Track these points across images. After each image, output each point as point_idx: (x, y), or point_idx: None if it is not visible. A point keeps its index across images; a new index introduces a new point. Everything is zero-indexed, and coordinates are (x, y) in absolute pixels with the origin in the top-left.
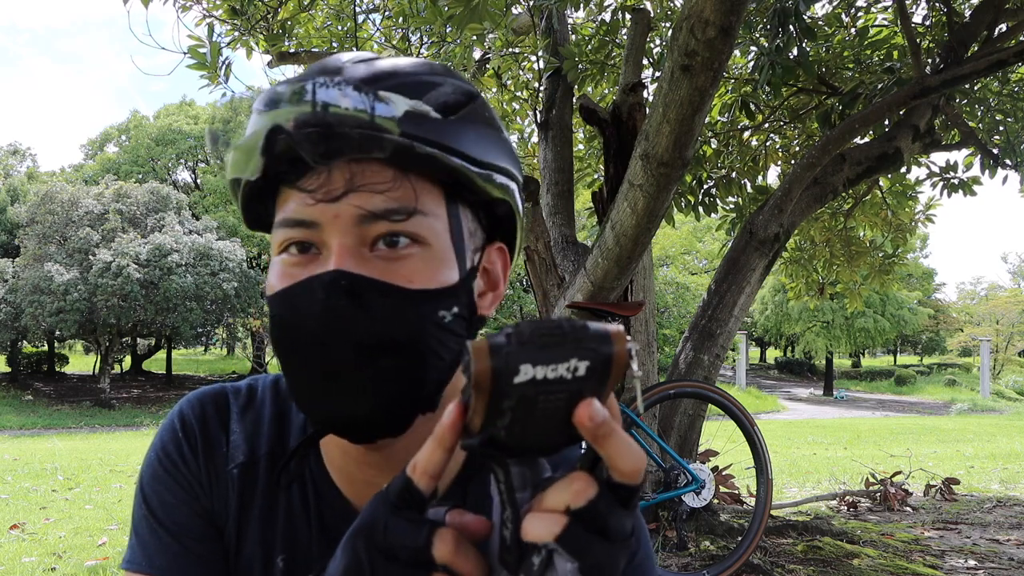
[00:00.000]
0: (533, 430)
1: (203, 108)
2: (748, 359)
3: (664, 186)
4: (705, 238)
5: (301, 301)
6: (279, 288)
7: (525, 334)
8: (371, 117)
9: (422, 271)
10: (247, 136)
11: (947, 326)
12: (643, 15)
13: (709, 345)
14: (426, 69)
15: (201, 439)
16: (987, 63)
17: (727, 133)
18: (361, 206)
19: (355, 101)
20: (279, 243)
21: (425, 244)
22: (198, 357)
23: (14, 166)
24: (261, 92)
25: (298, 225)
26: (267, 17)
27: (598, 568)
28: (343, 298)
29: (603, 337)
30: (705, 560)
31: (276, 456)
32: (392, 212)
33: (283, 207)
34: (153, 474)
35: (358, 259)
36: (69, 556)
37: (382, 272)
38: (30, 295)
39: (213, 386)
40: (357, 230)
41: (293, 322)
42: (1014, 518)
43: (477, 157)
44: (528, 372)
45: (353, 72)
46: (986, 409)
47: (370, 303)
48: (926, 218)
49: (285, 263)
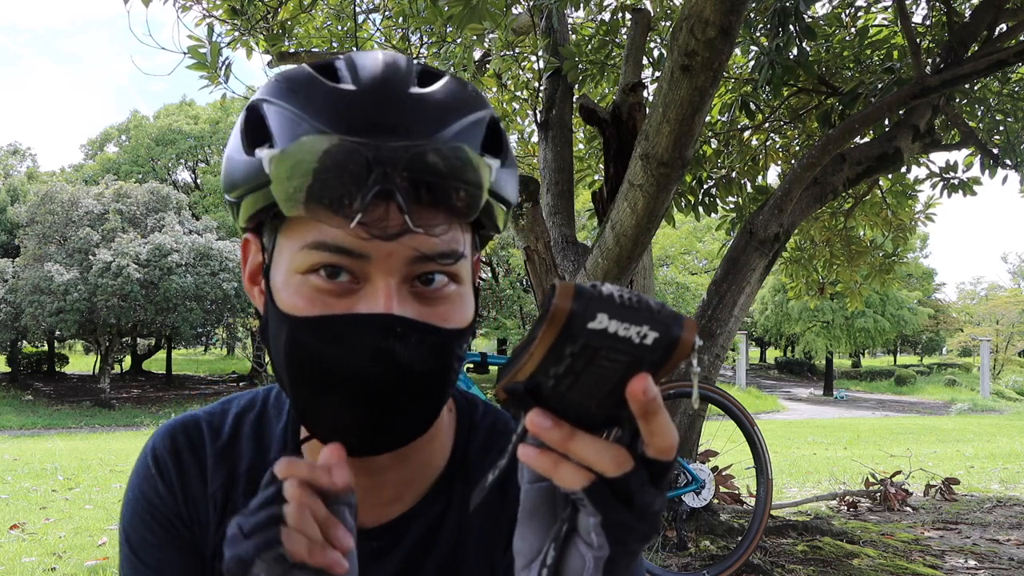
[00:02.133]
0: (581, 388)
1: (203, 108)
2: (748, 359)
3: (664, 186)
4: (705, 238)
5: (344, 336)
6: (312, 314)
7: (609, 289)
8: (480, 180)
9: (455, 311)
10: (339, 171)
11: (947, 326)
12: (643, 15)
13: (709, 345)
14: (469, 100)
15: (175, 472)
16: (987, 63)
17: (727, 133)
18: (417, 248)
19: (468, 160)
20: (308, 264)
21: (459, 283)
22: (198, 357)
23: (14, 166)
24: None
25: (341, 252)
26: (267, 17)
27: (622, 527)
28: (394, 342)
29: (677, 318)
30: (705, 560)
31: (255, 470)
32: (444, 256)
33: (315, 228)
34: (132, 514)
35: (401, 299)
36: (69, 556)
37: (423, 313)
38: (30, 295)
39: (184, 415)
40: (405, 269)
41: (331, 354)
42: (1014, 518)
43: (511, 200)
44: (603, 322)
45: (441, 103)
46: (986, 409)
47: (415, 345)
48: (926, 217)
49: (314, 287)
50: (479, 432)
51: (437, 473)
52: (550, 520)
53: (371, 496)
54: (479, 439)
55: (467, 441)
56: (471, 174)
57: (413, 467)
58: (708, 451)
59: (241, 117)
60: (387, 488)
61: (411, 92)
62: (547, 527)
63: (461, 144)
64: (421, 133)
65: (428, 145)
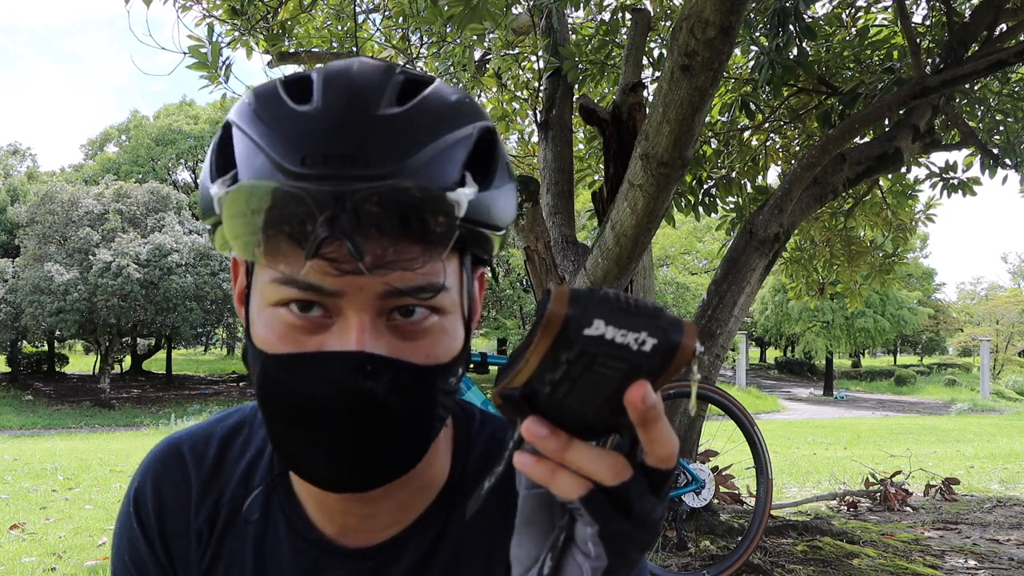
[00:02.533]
0: (578, 395)
1: (203, 108)
2: (748, 359)
3: (664, 186)
4: (705, 238)
5: (316, 375)
6: (284, 351)
7: (606, 293)
8: (451, 213)
9: (437, 345)
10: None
11: (947, 326)
12: (643, 15)
13: (709, 345)
14: (452, 116)
15: (155, 516)
16: (987, 63)
17: (727, 133)
18: (390, 284)
19: (433, 195)
20: (278, 298)
21: (442, 313)
22: (198, 357)
23: (14, 166)
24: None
25: (310, 289)
26: (267, 17)
27: (620, 537)
28: (365, 380)
29: (677, 324)
30: (705, 560)
31: (239, 499)
32: (421, 290)
33: (284, 261)
34: (117, 557)
35: (375, 334)
36: (69, 556)
37: (400, 349)
38: (30, 295)
39: (167, 443)
40: (379, 303)
41: (302, 393)
42: (1014, 518)
43: (502, 222)
44: (600, 328)
45: (413, 126)
46: (986, 409)
47: (390, 384)
48: (926, 217)
49: (285, 321)
50: (476, 446)
51: (435, 493)
52: (547, 527)
53: (366, 523)
54: (477, 453)
55: (465, 457)
56: (441, 205)
57: (410, 493)
58: (708, 451)
59: (217, 135)
60: (383, 515)
61: (380, 114)
62: (544, 534)
63: (430, 174)
64: (385, 162)
65: (391, 177)
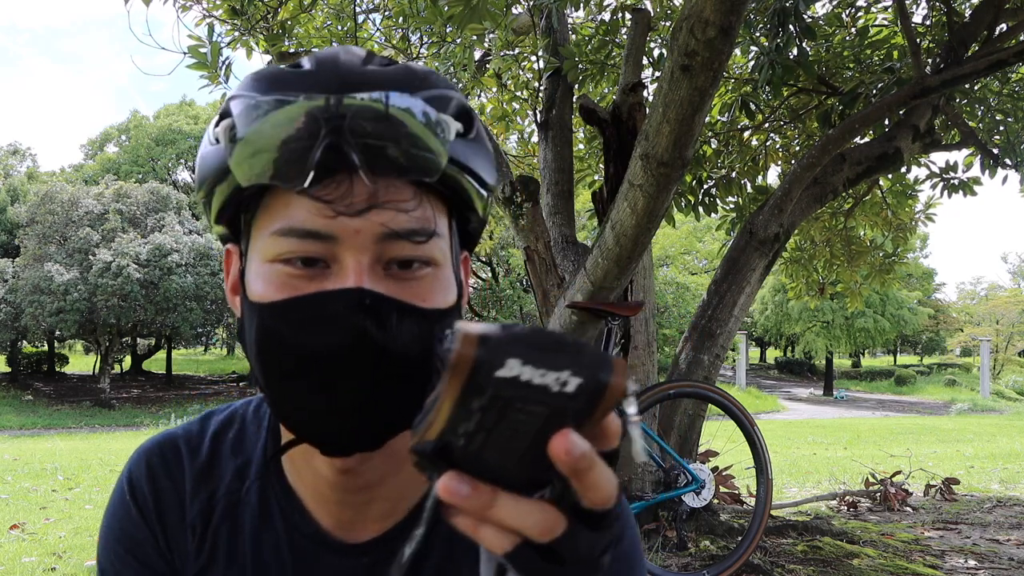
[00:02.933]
0: (497, 445)
1: (203, 108)
2: (748, 359)
3: (664, 186)
4: (705, 238)
5: (313, 315)
6: (278, 298)
7: (521, 331)
8: (437, 138)
9: (433, 290)
10: (290, 133)
11: (947, 326)
12: (643, 15)
13: (709, 345)
14: (439, 78)
15: (152, 500)
16: (987, 63)
17: (727, 133)
18: (385, 224)
19: (422, 114)
20: (278, 253)
21: (436, 265)
22: (198, 357)
23: (14, 166)
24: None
25: (309, 236)
26: (267, 17)
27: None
28: (364, 317)
29: (604, 361)
30: (705, 560)
31: (234, 494)
32: (415, 233)
33: (282, 213)
34: (107, 546)
35: (374, 278)
36: (69, 556)
37: (398, 291)
38: (30, 295)
39: (162, 435)
40: (376, 247)
41: (298, 336)
42: (1014, 518)
43: (484, 178)
44: (514, 368)
45: (399, 75)
46: (986, 409)
47: (389, 322)
48: (926, 217)
49: (285, 273)
50: None
51: (427, 484)
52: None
53: (361, 514)
54: None
55: None
56: (427, 129)
57: (404, 480)
58: (708, 451)
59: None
60: (378, 504)
61: (370, 68)
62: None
63: (419, 99)
64: (381, 89)
65: (383, 98)
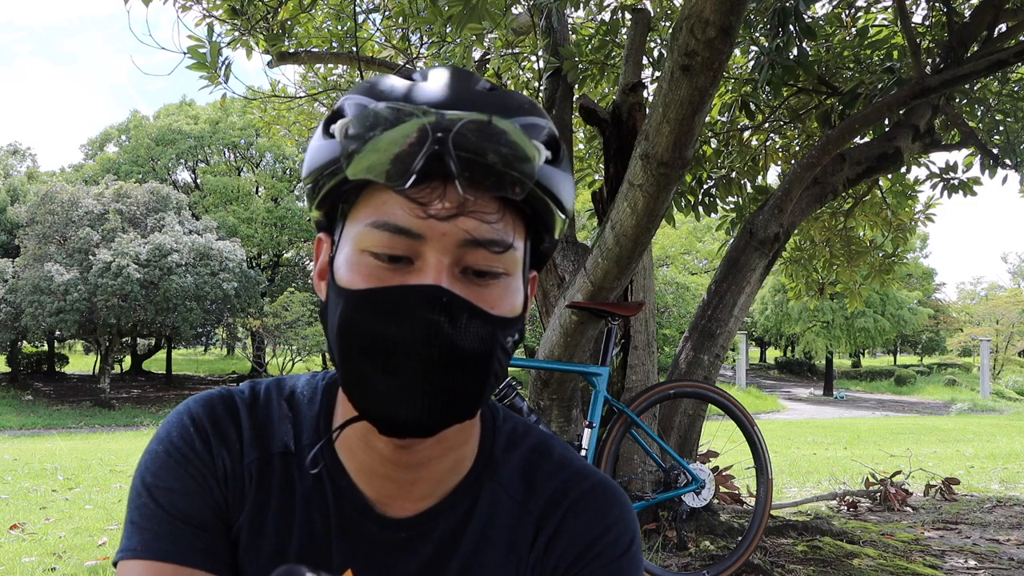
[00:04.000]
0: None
1: (203, 108)
2: (748, 359)
3: (664, 186)
4: (705, 238)
5: (393, 306)
6: (364, 287)
7: None
8: (530, 159)
9: (502, 299)
10: (399, 139)
11: (947, 326)
12: (643, 15)
13: (709, 345)
14: (535, 106)
15: (213, 434)
16: (987, 63)
17: (727, 133)
18: (469, 231)
19: (519, 137)
20: (371, 243)
21: (507, 276)
22: (198, 357)
23: (14, 166)
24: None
25: (400, 232)
26: (267, 17)
27: None
28: (439, 312)
29: None
30: (705, 560)
31: (288, 453)
32: (494, 243)
33: (379, 208)
34: (160, 465)
35: (451, 278)
36: (69, 556)
37: (471, 295)
38: (30, 295)
39: (212, 391)
40: (457, 251)
41: (378, 324)
42: (1014, 518)
43: (565, 204)
44: None
45: (498, 99)
46: (986, 409)
47: (460, 321)
48: (926, 217)
49: (372, 265)
50: (502, 434)
51: (464, 472)
52: None
53: (404, 491)
54: (503, 440)
55: (492, 442)
56: (521, 151)
57: (447, 465)
58: (708, 451)
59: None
60: (421, 484)
61: (478, 88)
62: None
63: (516, 124)
64: (484, 111)
65: (486, 118)
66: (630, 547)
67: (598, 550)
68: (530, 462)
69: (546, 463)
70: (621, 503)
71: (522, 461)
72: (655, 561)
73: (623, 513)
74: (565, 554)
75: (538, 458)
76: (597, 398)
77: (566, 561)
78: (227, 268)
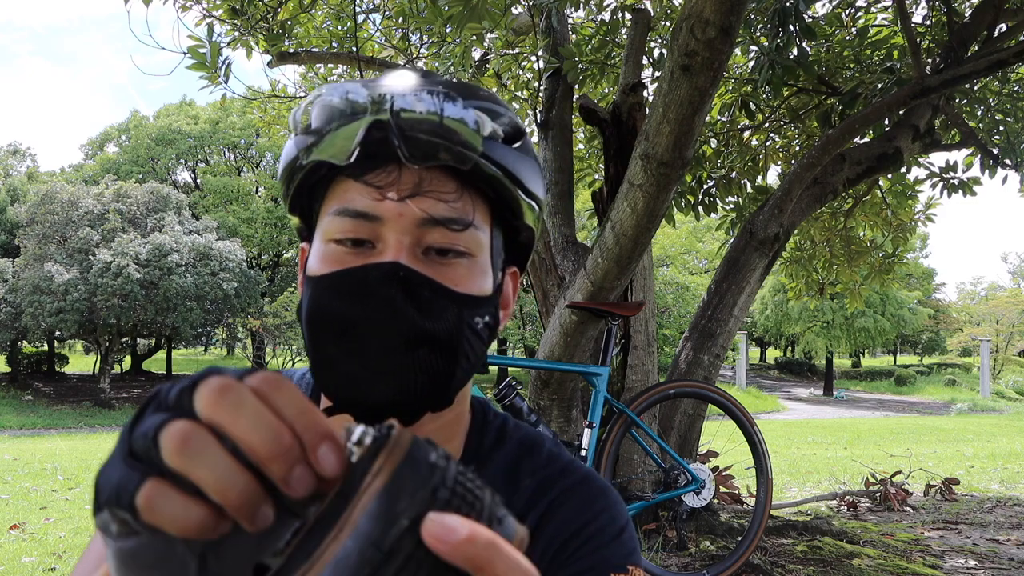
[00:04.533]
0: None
1: (203, 108)
2: (748, 359)
3: (664, 186)
4: (705, 238)
5: (353, 285)
6: (327, 271)
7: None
8: (471, 132)
9: (466, 278)
10: (344, 121)
11: (947, 326)
12: (643, 15)
13: (709, 345)
14: (495, 98)
15: None
16: (987, 63)
17: (727, 133)
18: (426, 210)
19: (459, 113)
20: (334, 231)
21: (471, 256)
22: (198, 357)
23: (14, 166)
24: (344, 81)
25: (360, 217)
26: (267, 17)
27: None
28: (398, 288)
29: None
30: (705, 560)
31: None
32: (452, 221)
33: (341, 197)
34: None
35: (412, 258)
36: (69, 556)
37: (433, 273)
38: (30, 295)
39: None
40: (417, 232)
41: (340, 304)
42: (1014, 518)
43: (527, 186)
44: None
45: (450, 85)
46: (986, 409)
47: (420, 297)
48: (926, 217)
49: (336, 251)
50: (491, 428)
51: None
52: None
53: None
54: (491, 435)
55: (480, 437)
56: (465, 124)
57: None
58: (708, 451)
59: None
60: None
61: (438, 79)
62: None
63: (467, 105)
64: (434, 93)
65: (429, 93)
66: (620, 535)
67: (585, 536)
68: (516, 458)
69: (533, 458)
70: (608, 494)
71: (508, 457)
72: (655, 561)
73: (610, 503)
74: (550, 544)
75: (525, 454)
76: (597, 398)
77: (551, 550)
78: (227, 268)
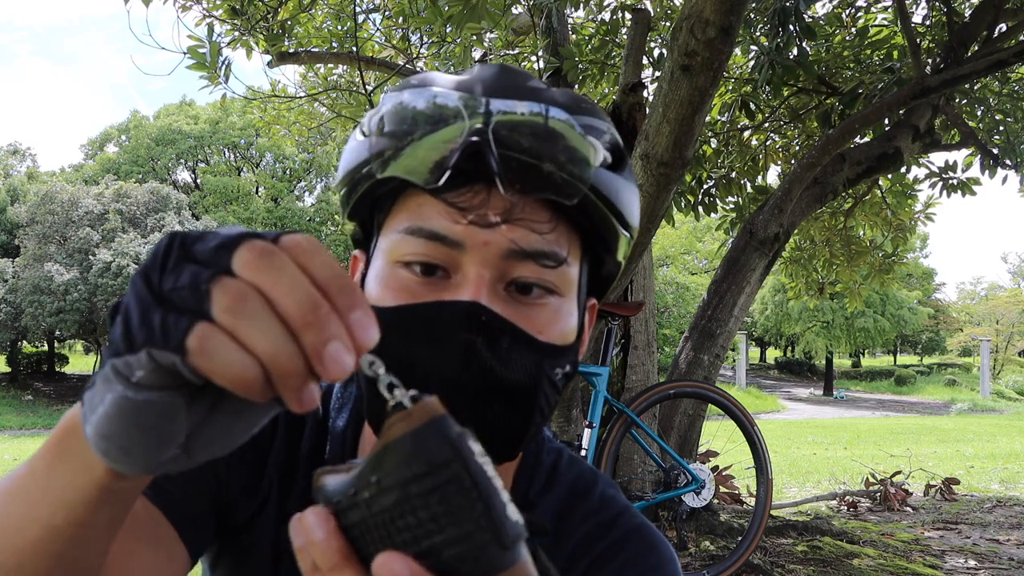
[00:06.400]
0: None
1: (203, 108)
2: (748, 359)
3: (664, 186)
4: (705, 238)
5: (426, 326)
6: (393, 303)
7: None
8: (581, 159)
9: (552, 324)
10: (429, 130)
11: (947, 326)
12: (643, 15)
13: (709, 345)
14: (596, 108)
15: None
16: (987, 63)
17: (727, 133)
18: (516, 241)
19: (574, 136)
20: (402, 252)
21: (558, 296)
22: None
23: (14, 166)
24: (427, 72)
25: (436, 239)
26: (267, 17)
27: None
28: (477, 333)
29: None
30: (705, 560)
31: (316, 461)
32: (544, 256)
33: (415, 213)
34: None
35: (492, 295)
36: None
37: (515, 315)
38: (30, 295)
39: None
40: (501, 265)
41: (407, 344)
42: (1014, 518)
43: (627, 218)
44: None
45: (556, 96)
46: (986, 409)
47: (500, 344)
48: (926, 217)
49: (404, 279)
50: (542, 470)
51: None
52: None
53: None
54: (541, 478)
55: (529, 480)
56: (576, 149)
57: None
58: (708, 451)
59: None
60: None
61: (532, 83)
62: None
63: (572, 121)
64: (535, 101)
65: (537, 110)
66: None
67: None
68: (566, 503)
69: (584, 503)
70: (660, 550)
71: (557, 502)
72: None
73: (662, 561)
74: None
75: (576, 499)
76: (597, 398)
77: None
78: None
